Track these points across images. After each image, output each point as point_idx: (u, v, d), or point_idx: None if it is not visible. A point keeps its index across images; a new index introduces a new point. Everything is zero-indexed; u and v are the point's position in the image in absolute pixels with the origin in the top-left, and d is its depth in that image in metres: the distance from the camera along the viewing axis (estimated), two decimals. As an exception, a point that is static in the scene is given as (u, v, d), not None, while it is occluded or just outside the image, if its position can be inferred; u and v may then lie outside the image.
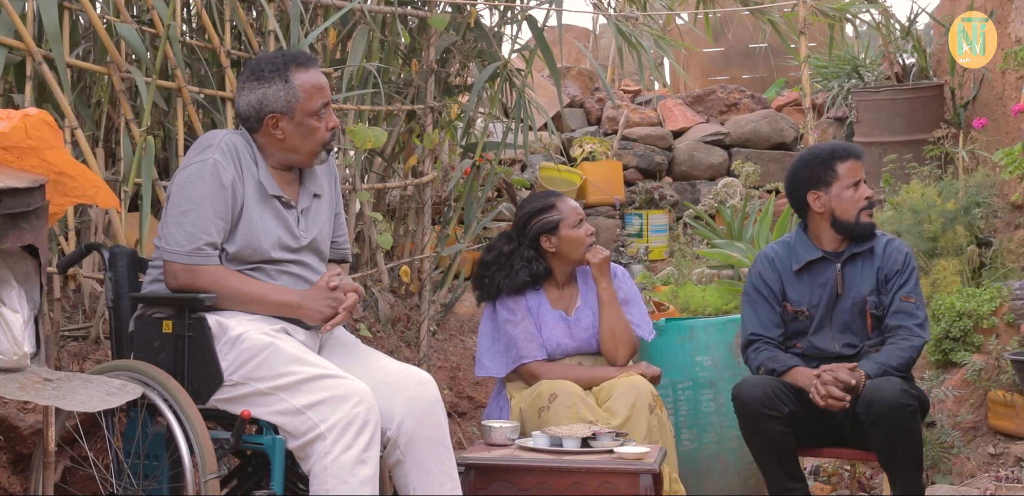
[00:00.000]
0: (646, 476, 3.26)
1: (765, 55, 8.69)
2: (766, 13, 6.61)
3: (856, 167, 3.74)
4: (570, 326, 3.95)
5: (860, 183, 3.74)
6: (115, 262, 3.12)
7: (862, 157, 3.78)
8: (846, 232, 3.74)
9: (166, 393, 2.83)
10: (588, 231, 3.96)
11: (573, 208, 3.99)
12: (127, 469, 2.93)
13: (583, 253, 3.95)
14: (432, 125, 5.00)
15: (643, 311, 4.06)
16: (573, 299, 4.01)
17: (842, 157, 3.75)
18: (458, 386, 5.01)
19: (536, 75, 7.43)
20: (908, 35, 7.61)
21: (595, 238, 3.99)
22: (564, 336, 3.92)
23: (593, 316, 3.96)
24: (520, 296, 3.95)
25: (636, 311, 4.02)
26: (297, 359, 2.88)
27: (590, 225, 4.02)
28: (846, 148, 3.79)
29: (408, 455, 2.98)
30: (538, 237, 3.96)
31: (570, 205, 4.00)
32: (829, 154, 3.77)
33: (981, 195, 5.87)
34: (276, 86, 3.02)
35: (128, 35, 3.55)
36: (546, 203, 3.99)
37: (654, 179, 7.81)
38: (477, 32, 5.21)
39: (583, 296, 4.00)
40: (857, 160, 3.75)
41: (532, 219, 3.97)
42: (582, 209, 4.06)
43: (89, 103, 3.98)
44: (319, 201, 3.19)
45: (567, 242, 3.94)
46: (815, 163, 3.76)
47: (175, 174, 3.07)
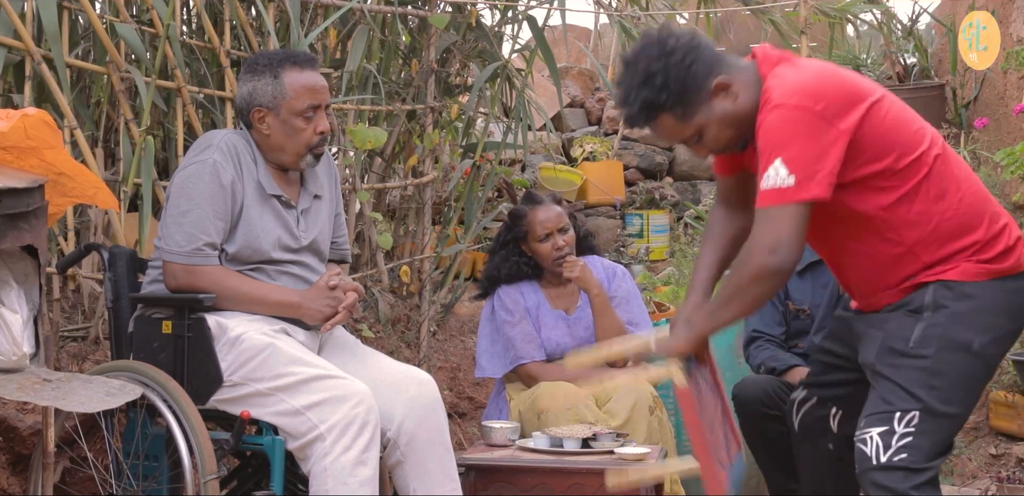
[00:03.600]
0: (647, 477, 3.25)
1: (766, 55, 8.66)
2: (768, 13, 6.60)
3: None
4: (570, 326, 3.94)
5: None
6: (114, 262, 3.12)
7: None
8: None
9: (165, 394, 2.83)
10: (555, 245, 3.89)
11: (542, 221, 3.90)
12: (126, 470, 2.92)
13: (552, 266, 3.92)
14: (432, 125, 5.00)
15: (643, 310, 4.05)
16: (574, 298, 4.00)
17: None
18: (458, 387, 5.00)
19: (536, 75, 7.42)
20: (910, 35, 7.60)
21: (568, 250, 3.89)
22: (564, 336, 3.92)
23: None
24: (517, 292, 3.94)
25: (636, 310, 4.01)
26: (297, 360, 2.88)
27: (564, 237, 3.90)
28: None
29: (408, 456, 2.98)
30: (518, 241, 3.96)
31: (540, 217, 3.90)
32: None
33: (982, 195, 5.86)
34: (265, 80, 3.02)
35: (127, 35, 3.54)
36: (519, 212, 3.97)
37: (655, 179, 7.79)
38: (477, 32, 5.20)
39: (583, 295, 3.99)
40: None
41: (509, 226, 3.99)
42: (562, 218, 3.92)
43: (88, 103, 3.97)
44: (319, 202, 3.18)
45: (535, 253, 3.94)
46: None
47: (175, 174, 3.06)
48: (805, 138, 2.41)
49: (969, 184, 2.58)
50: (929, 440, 2.45)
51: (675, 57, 2.51)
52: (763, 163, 2.45)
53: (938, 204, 2.52)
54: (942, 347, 2.48)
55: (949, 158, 2.58)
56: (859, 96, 2.49)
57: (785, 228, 2.42)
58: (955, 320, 2.49)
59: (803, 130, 2.42)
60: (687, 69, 2.51)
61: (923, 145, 2.53)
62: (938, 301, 2.50)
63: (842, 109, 2.45)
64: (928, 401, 2.46)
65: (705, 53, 2.54)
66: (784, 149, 2.42)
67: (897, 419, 2.46)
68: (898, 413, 2.46)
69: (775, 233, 2.43)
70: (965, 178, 2.58)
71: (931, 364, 2.47)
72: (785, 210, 2.42)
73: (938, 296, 2.50)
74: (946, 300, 2.49)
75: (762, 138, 2.47)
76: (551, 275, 3.98)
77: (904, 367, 2.49)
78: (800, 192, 2.41)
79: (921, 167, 2.51)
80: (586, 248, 4.10)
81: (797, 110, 2.42)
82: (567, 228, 3.93)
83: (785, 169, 2.41)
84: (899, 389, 2.48)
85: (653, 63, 2.52)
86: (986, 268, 2.51)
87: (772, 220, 2.43)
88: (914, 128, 2.55)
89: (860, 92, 2.50)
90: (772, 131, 2.44)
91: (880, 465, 2.45)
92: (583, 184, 7.11)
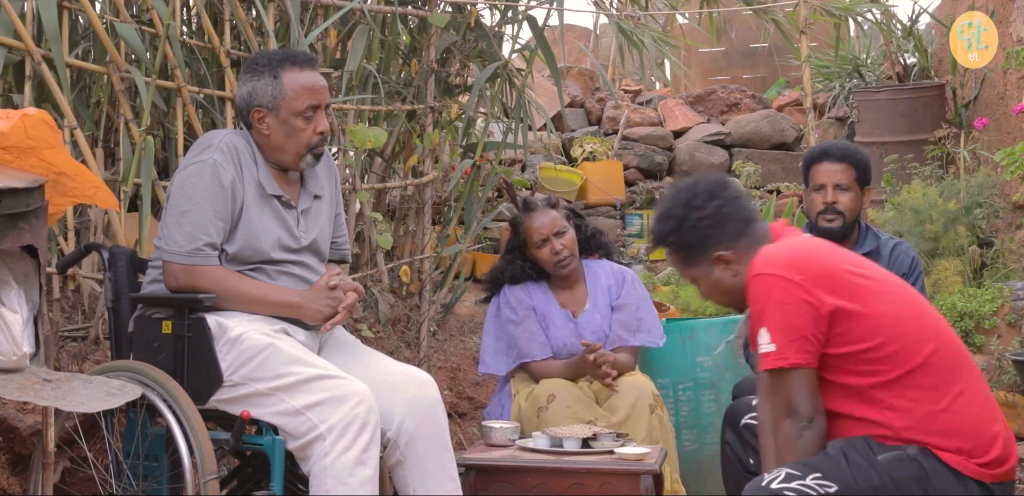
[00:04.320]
0: (647, 477, 3.26)
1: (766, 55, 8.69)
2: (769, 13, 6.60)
3: (828, 171, 3.67)
4: (577, 328, 3.93)
5: (827, 187, 3.66)
6: (114, 262, 3.12)
7: (847, 160, 3.68)
8: (816, 233, 3.71)
9: (166, 394, 2.83)
10: (553, 250, 3.89)
11: (536, 228, 3.89)
12: (126, 470, 2.92)
13: (555, 270, 3.91)
14: (432, 125, 5.00)
15: (654, 316, 4.02)
16: (582, 301, 3.99)
17: (817, 159, 3.72)
18: (458, 387, 5.00)
19: (536, 75, 7.42)
20: (910, 35, 7.60)
21: (567, 253, 3.88)
22: (571, 336, 3.91)
23: (601, 319, 3.93)
24: (523, 291, 3.94)
25: (646, 317, 3.99)
26: (297, 360, 2.88)
27: (562, 241, 3.88)
28: (824, 150, 3.73)
29: (408, 456, 2.97)
30: (522, 249, 3.97)
31: (534, 224, 3.90)
32: (810, 154, 3.78)
33: (982, 195, 5.87)
34: (265, 80, 3.02)
35: (127, 35, 3.54)
36: (516, 221, 3.98)
37: (655, 179, 7.80)
38: (477, 32, 5.20)
39: (592, 299, 3.98)
40: (835, 162, 3.67)
41: (511, 235, 4.00)
42: (556, 222, 3.90)
43: (88, 103, 3.97)
44: (320, 202, 3.18)
45: (537, 259, 3.94)
46: (804, 161, 3.80)
47: (175, 174, 3.06)
48: (783, 307, 2.47)
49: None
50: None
51: (695, 214, 2.63)
52: (753, 328, 2.53)
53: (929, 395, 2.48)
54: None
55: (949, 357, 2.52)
56: (837, 284, 2.49)
57: (789, 390, 2.48)
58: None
59: (780, 298, 2.47)
60: (699, 230, 2.63)
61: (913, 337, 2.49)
62: None
63: (820, 284, 2.47)
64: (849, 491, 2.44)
65: (728, 224, 2.63)
66: (765, 317, 2.49)
67: (814, 477, 2.45)
68: (819, 474, 2.45)
69: (784, 397, 2.49)
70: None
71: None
72: (778, 374, 2.48)
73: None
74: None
75: (750, 305, 2.56)
76: (558, 278, 3.98)
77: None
78: (781, 360, 2.47)
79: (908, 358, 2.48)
80: (595, 246, 4.08)
81: (775, 279, 2.48)
82: (564, 231, 3.92)
83: (768, 336, 2.48)
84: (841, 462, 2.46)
85: (678, 208, 2.66)
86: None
87: (774, 383, 2.50)
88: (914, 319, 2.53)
89: (839, 281, 2.49)
90: (754, 300, 2.53)
91: (769, 488, 2.43)
92: (583, 184, 7.11)
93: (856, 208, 3.69)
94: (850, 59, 7.74)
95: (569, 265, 3.91)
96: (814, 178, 3.71)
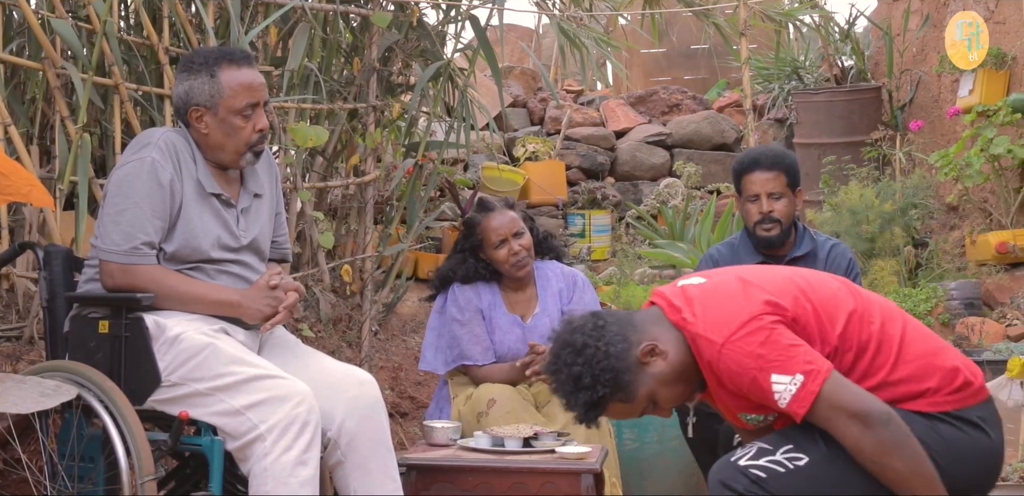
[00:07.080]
0: (587, 476, 3.27)
1: (707, 56, 8.76)
2: (710, 15, 6.66)
3: (760, 180, 3.67)
4: (525, 332, 3.91)
5: (762, 196, 3.67)
6: (50, 261, 3.07)
7: (777, 167, 3.68)
8: (755, 241, 3.75)
9: (102, 394, 2.79)
10: (511, 251, 3.86)
11: (495, 228, 3.87)
12: (62, 471, 2.88)
13: (511, 271, 3.88)
14: (374, 124, 4.98)
15: None
16: (531, 305, 3.97)
17: (748, 169, 3.71)
18: (400, 386, 4.99)
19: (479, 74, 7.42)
20: (847, 38, 7.71)
21: (524, 254, 3.86)
22: (517, 341, 3.88)
23: (550, 323, 3.89)
24: (473, 292, 3.91)
25: None
26: (237, 359, 2.86)
27: (520, 242, 3.86)
28: (754, 159, 3.72)
29: (349, 456, 2.96)
30: (475, 250, 3.95)
31: (493, 224, 3.88)
32: (740, 164, 3.76)
33: (917, 196, 5.97)
34: (201, 79, 2.99)
35: (63, 31, 3.49)
36: (472, 221, 3.94)
37: (597, 179, 7.83)
38: (420, 31, 5.20)
39: (541, 303, 3.96)
40: (767, 171, 3.67)
41: (465, 235, 3.95)
42: (515, 223, 3.89)
43: (23, 100, 3.92)
44: (260, 201, 3.16)
45: (492, 260, 3.92)
46: (734, 171, 3.78)
47: (112, 172, 3.02)
48: (770, 348, 2.39)
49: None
50: (790, 482, 2.41)
51: (588, 351, 2.49)
52: (761, 393, 2.42)
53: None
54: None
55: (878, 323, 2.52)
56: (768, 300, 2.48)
57: (840, 399, 2.38)
58: None
59: (759, 341, 2.40)
60: (606, 356, 2.48)
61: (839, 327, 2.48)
62: None
63: (766, 308, 2.44)
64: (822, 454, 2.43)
65: (611, 330, 2.51)
66: (765, 370, 2.40)
67: (784, 450, 2.44)
68: (791, 445, 2.45)
69: (846, 412, 2.37)
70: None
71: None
72: (824, 394, 2.37)
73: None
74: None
75: (735, 379, 2.44)
76: (510, 280, 3.96)
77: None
78: (817, 374, 2.38)
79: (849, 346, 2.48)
80: (547, 249, 4.06)
81: (739, 336, 2.41)
82: (522, 232, 3.90)
83: (787, 377, 2.39)
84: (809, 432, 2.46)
85: (574, 367, 2.49)
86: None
87: (830, 409, 2.38)
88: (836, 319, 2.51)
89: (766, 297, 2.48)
90: (740, 370, 2.42)
91: (736, 465, 2.43)
92: (525, 184, 7.13)
93: (791, 213, 3.72)
94: (789, 61, 7.84)
95: (526, 266, 3.90)
96: (747, 188, 3.71)
